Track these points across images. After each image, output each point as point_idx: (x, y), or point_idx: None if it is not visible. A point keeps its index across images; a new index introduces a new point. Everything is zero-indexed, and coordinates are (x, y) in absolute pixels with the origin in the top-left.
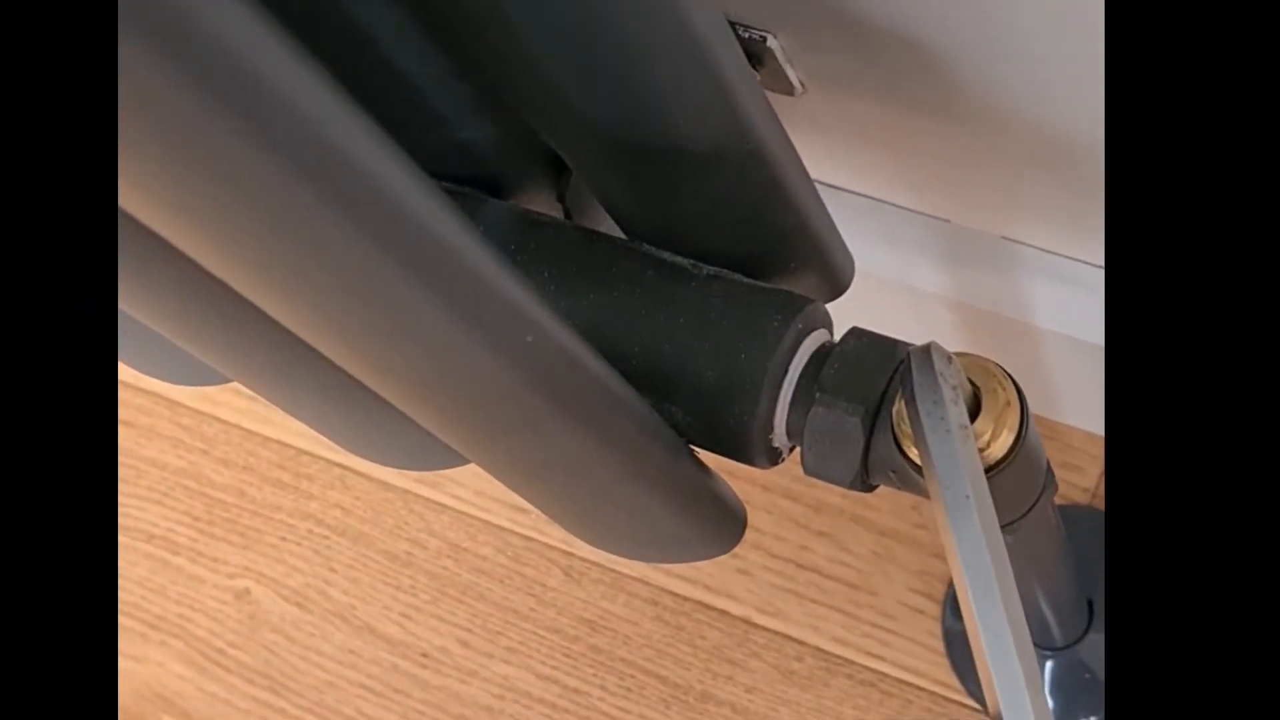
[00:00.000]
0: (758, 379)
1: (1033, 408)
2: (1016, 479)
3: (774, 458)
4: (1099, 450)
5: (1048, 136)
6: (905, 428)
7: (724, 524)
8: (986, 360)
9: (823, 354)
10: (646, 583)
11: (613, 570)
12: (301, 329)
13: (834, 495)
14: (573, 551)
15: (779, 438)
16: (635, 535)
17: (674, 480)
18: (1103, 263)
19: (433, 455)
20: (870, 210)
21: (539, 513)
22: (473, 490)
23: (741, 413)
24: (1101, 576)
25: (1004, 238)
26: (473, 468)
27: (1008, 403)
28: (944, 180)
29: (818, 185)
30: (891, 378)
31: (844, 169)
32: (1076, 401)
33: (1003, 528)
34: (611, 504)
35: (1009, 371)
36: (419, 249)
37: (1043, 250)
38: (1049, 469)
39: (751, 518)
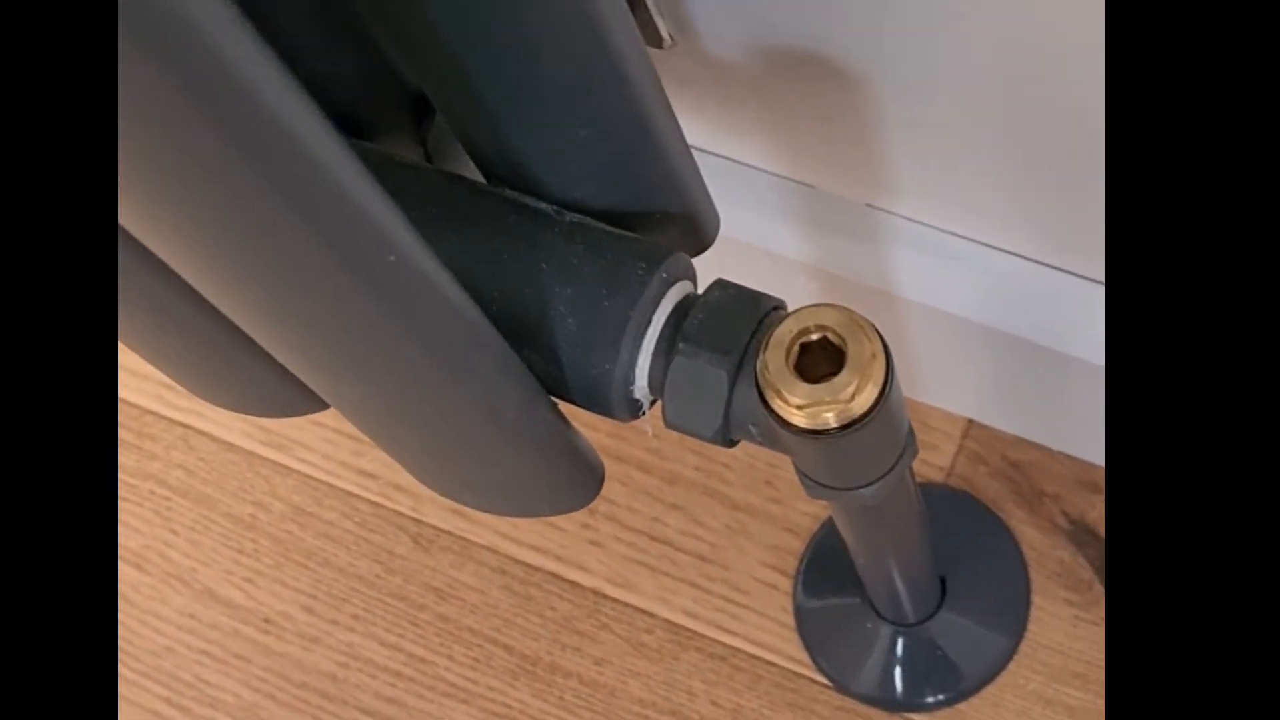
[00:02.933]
0: (619, 327)
1: None
2: (878, 436)
3: (634, 410)
4: (956, 429)
5: (915, 104)
6: (771, 379)
7: (580, 477)
8: (853, 313)
9: (686, 305)
10: (496, 552)
11: (462, 539)
12: (152, 238)
13: (688, 468)
14: (421, 519)
15: (640, 389)
16: (488, 484)
17: (530, 427)
18: (967, 234)
19: (287, 398)
20: (735, 173)
21: (387, 479)
22: (320, 454)
23: (602, 361)
24: (955, 554)
25: (869, 205)
26: (320, 431)
27: (873, 355)
28: (810, 145)
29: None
30: (756, 329)
31: (710, 130)
32: (936, 379)
33: (861, 487)
34: (465, 448)
35: (875, 326)
36: (275, 149)
37: (907, 219)
38: (910, 432)
39: (604, 489)
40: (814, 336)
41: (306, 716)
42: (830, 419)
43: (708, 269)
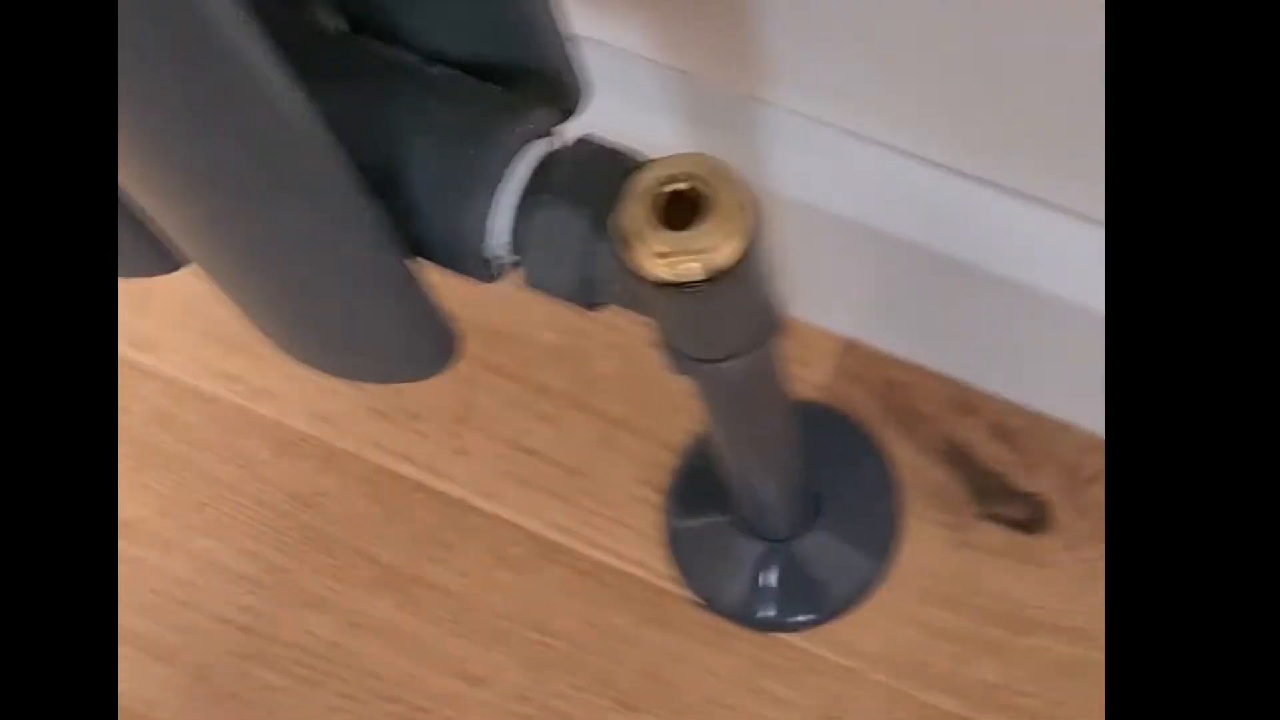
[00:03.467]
0: (477, 178)
1: None
2: (744, 296)
3: (493, 269)
4: (833, 346)
5: None
6: (632, 227)
7: (434, 339)
8: (721, 161)
9: (550, 160)
10: (361, 459)
11: (327, 445)
12: None
13: (560, 379)
14: (286, 423)
15: (499, 244)
16: (339, 339)
17: (384, 277)
18: (854, 129)
19: (143, 257)
20: (607, 58)
21: (252, 382)
22: (185, 355)
23: (461, 214)
24: (829, 473)
25: (749, 96)
26: (184, 334)
27: (741, 206)
28: (686, 29)
29: None
30: (621, 182)
31: (580, 11)
32: (817, 293)
33: (724, 359)
34: (319, 299)
35: (744, 177)
36: None
37: (790, 111)
38: (779, 308)
39: (473, 398)
40: (680, 185)
41: (161, 624)
42: (695, 269)
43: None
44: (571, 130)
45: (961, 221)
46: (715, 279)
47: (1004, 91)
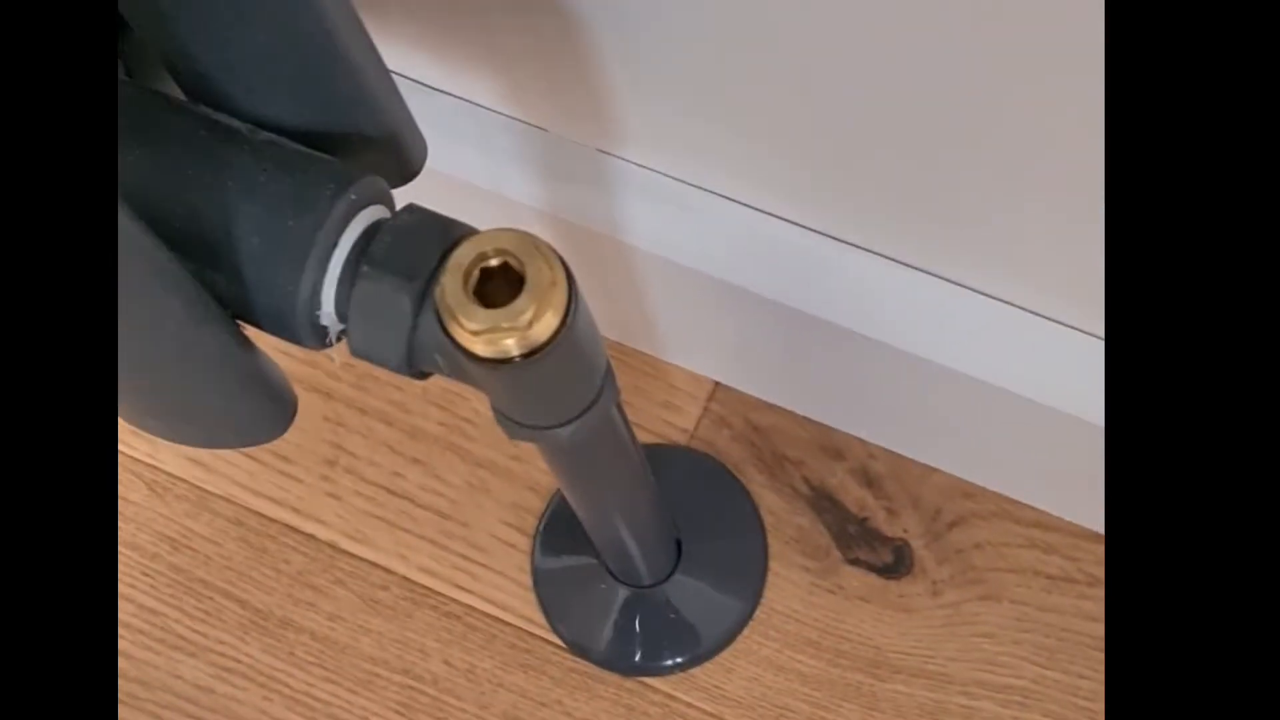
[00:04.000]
0: (305, 248)
1: (634, 344)
2: (566, 368)
3: (321, 337)
4: (700, 390)
5: (638, 45)
6: (449, 303)
7: (265, 407)
8: (534, 238)
9: (375, 229)
10: (232, 502)
11: (198, 488)
12: None
13: (431, 423)
14: (158, 466)
15: (326, 315)
16: (166, 408)
17: (199, 344)
18: (700, 183)
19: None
20: (464, 113)
21: (122, 425)
22: None
23: (286, 283)
24: (694, 517)
25: (599, 149)
26: None
27: (553, 283)
28: (538, 86)
29: (409, 81)
30: (444, 255)
31: (435, 66)
32: (679, 337)
33: (557, 426)
34: (141, 372)
35: (558, 253)
36: None
37: (639, 165)
38: (609, 371)
39: (345, 441)
40: (493, 262)
41: None
42: (511, 346)
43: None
44: (427, 182)
45: (813, 277)
46: (533, 354)
47: (850, 153)
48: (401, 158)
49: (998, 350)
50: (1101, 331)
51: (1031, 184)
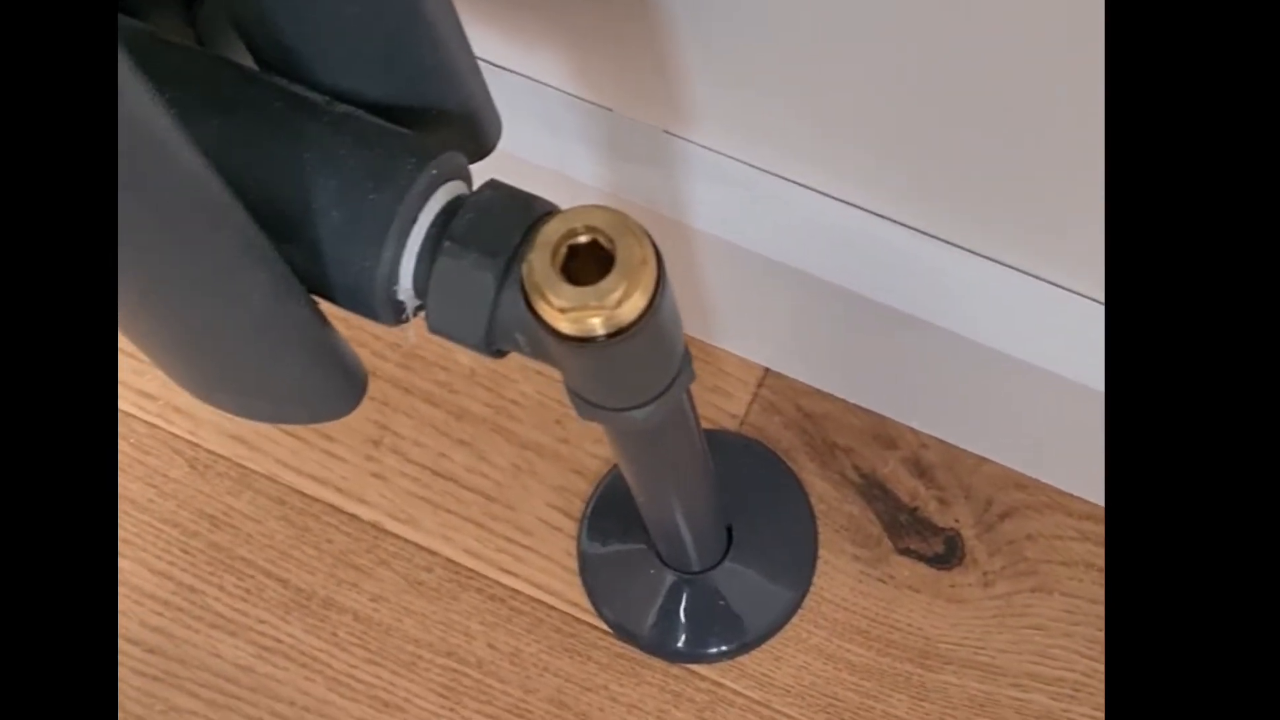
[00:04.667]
0: (384, 222)
1: (687, 329)
2: (648, 349)
3: (398, 313)
4: (751, 376)
5: (712, 25)
6: (536, 280)
7: (337, 382)
8: (625, 216)
9: (456, 205)
10: (275, 480)
11: (240, 465)
12: None
13: (477, 403)
14: (199, 443)
15: (404, 290)
16: (239, 381)
17: (278, 317)
18: (768, 167)
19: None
20: (529, 92)
21: (166, 400)
22: None
23: (364, 258)
24: (744, 504)
25: (666, 131)
26: None
27: (643, 261)
28: (607, 65)
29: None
30: (527, 232)
31: (505, 45)
32: (734, 323)
33: (633, 408)
34: (210, 337)
35: (648, 233)
36: None
37: (706, 148)
38: (686, 355)
39: (390, 421)
40: (582, 239)
41: None
42: (597, 325)
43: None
44: (492, 160)
45: (877, 262)
46: (618, 334)
47: (919, 138)
48: (478, 134)
49: (1060, 338)
50: None
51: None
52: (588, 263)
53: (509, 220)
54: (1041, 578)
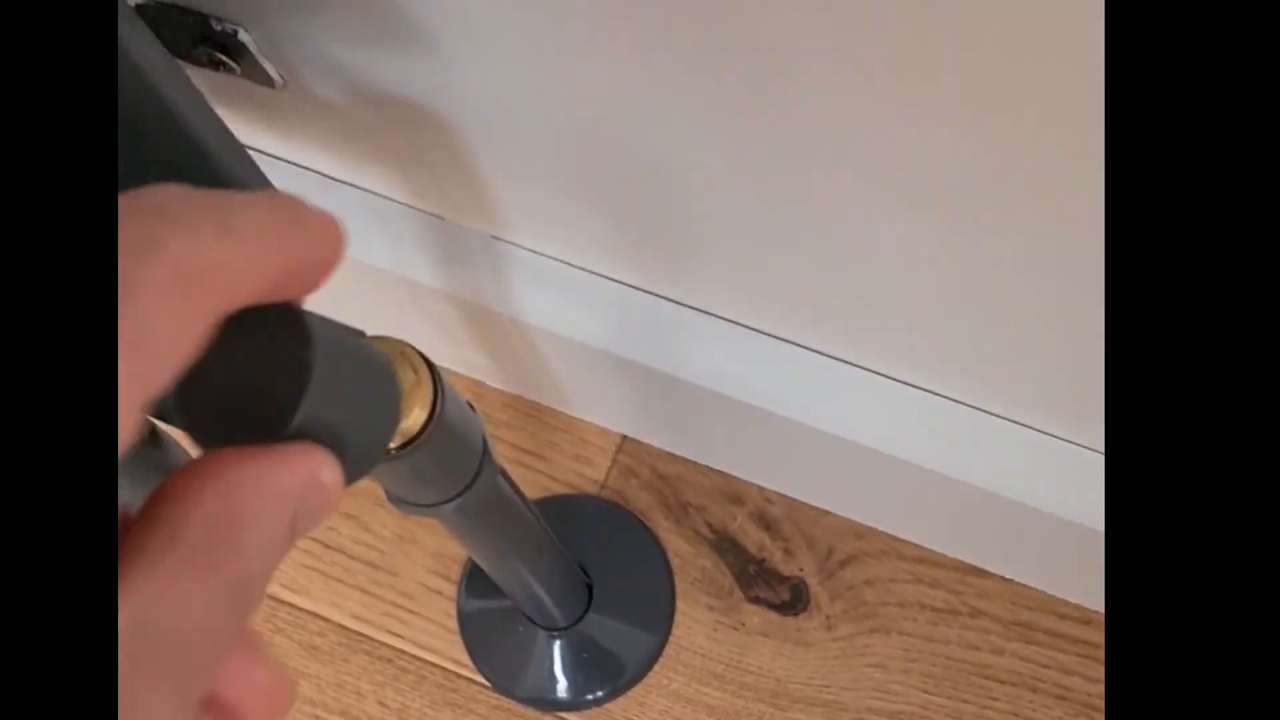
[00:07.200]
0: None
1: (546, 402)
2: (441, 455)
3: None
4: (609, 444)
5: (504, 147)
6: None
7: None
8: (403, 345)
9: None
10: None
11: None
12: None
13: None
14: None
15: None
16: None
17: None
18: (581, 264)
19: None
20: (369, 203)
21: None
22: None
23: None
24: (606, 561)
25: (494, 236)
26: None
27: (417, 385)
28: (431, 180)
29: (315, 175)
30: None
31: (339, 161)
32: (586, 398)
33: (443, 503)
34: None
35: (423, 353)
36: None
37: (528, 250)
38: (486, 450)
39: None
40: None
41: None
42: None
43: (349, 296)
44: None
45: (690, 346)
46: (408, 445)
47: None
48: None
49: (871, 416)
50: (964, 398)
51: (876, 260)
52: None
53: None
54: (880, 619)
